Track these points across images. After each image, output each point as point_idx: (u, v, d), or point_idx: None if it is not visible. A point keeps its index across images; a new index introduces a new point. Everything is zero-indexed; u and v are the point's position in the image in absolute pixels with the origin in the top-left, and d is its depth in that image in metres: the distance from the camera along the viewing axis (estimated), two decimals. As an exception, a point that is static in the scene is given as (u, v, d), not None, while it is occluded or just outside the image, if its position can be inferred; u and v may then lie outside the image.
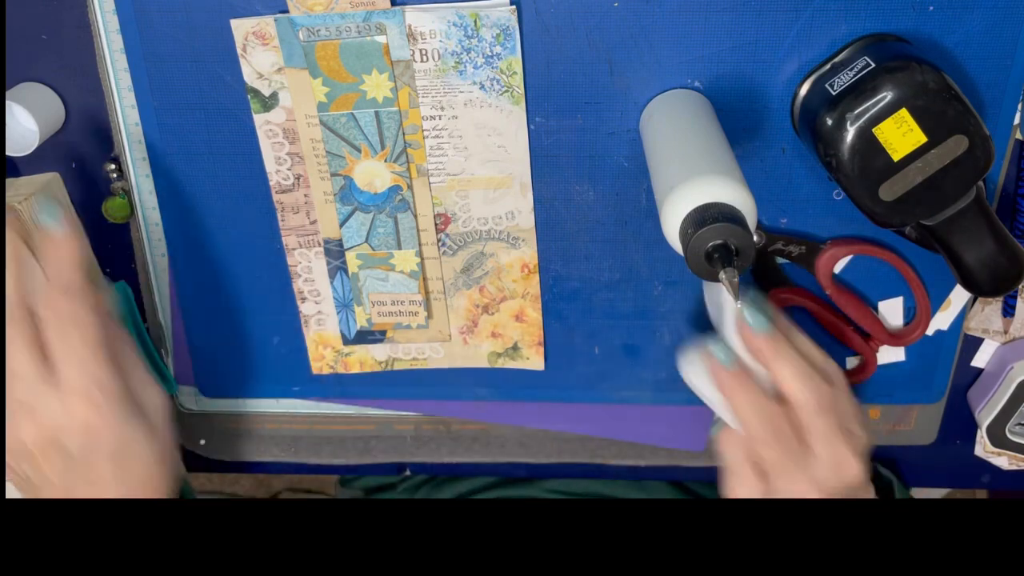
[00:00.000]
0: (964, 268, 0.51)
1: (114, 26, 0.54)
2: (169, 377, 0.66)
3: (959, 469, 0.68)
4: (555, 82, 0.54)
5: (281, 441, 0.69)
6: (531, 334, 0.62)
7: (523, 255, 0.59)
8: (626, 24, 0.52)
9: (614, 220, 0.58)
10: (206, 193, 0.58)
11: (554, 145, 0.56)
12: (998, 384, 0.62)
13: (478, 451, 0.69)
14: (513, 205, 0.57)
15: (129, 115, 0.57)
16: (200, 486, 1.45)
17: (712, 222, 0.43)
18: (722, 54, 0.52)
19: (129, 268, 0.63)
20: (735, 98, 0.53)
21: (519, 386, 0.64)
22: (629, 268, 0.59)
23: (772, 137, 0.55)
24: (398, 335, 0.62)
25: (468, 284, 0.60)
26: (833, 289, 0.59)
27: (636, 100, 0.54)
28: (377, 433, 0.69)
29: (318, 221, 0.58)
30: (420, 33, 0.52)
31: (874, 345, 0.61)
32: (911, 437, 0.67)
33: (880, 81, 0.47)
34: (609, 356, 0.63)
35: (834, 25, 0.51)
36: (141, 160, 0.58)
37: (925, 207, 0.49)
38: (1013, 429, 0.62)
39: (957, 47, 0.52)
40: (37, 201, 0.52)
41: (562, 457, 0.69)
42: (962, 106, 0.47)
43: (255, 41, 0.53)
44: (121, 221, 0.60)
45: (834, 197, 0.57)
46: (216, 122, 0.56)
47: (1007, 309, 0.61)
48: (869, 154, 0.47)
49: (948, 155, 0.47)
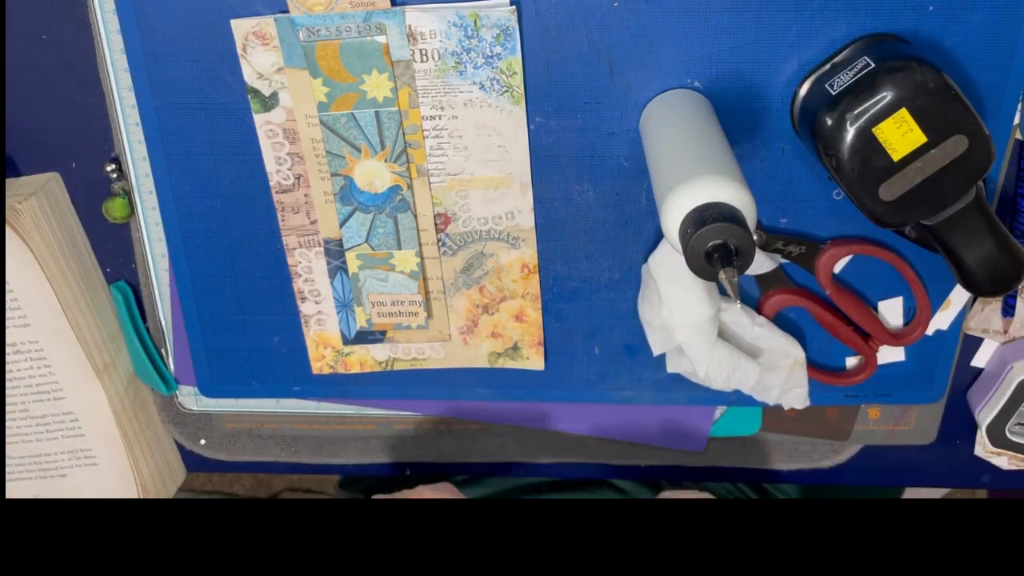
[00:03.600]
0: (964, 268, 0.51)
1: (114, 26, 0.54)
2: (169, 377, 0.66)
3: (959, 469, 0.68)
4: (555, 82, 0.54)
5: (281, 441, 0.69)
6: (531, 334, 0.62)
7: (523, 255, 0.59)
8: (626, 24, 0.52)
9: (614, 220, 0.58)
10: (206, 193, 0.58)
11: (554, 145, 0.56)
12: (998, 384, 0.62)
13: (478, 451, 0.69)
14: (513, 205, 0.57)
15: (129, 115, 0.57)
16: (200, 486, 1.45)
17: (712, 222, 0.43)
18: (722, 54, 0.52)
19: (129, 268, 0.63)
20: (735, 98, 0.53)
21: (519, 386, 0.64)
22: (629, 268, 0.59)
23: (772, 137, 0.55)
24: (398, 335, 0.62)
25: (468, 284, 0.60)
26: (833, 289, 0.59)
27: (636, 100, 0.54)
28: (377, 433, 0.69)
29: (318, 221, 0.58)
30: (420, 33, 0.52)
31: (874, 345, 0.61)
32: (911, 437, 0.67)
33: (880, 81, 0.47)
34: (609, 356, 0.63)
35: (834, 25, 0.51)
36: (141, 160, 0.58)
37: (925, 207, 0.49)
38: (1013, 429, 0.62)
39: (957, 47, 0.52)
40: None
41: (562, 457, 0.69)
42: (962, 106, 0.47)
43: (255, 41, 0.53)
44: (121, 221, 0.60)
45: (834, 197, 0.57)
46: (216, 122, 0.56)
47: (1007, 309, 0.61)
48: (869, 154, 0.47)
49: (948, 155, 0.47)
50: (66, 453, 0.66)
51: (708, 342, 0.57)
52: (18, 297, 0.59)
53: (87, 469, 0.66)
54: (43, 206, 0.58)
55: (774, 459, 0.69)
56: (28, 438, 0.65)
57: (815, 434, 0.67)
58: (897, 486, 0.71)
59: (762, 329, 0.60)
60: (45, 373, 0.62)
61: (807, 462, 0.69)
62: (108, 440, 0.65)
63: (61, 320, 0.60)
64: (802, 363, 0.61)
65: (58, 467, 0.66)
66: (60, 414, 0.64)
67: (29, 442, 0.65)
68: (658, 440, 0.67)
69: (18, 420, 0.64)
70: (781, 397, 0.62)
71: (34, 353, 0.61)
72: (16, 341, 0.61)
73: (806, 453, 0.68)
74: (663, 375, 0.63)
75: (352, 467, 0.70)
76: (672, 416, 0.66)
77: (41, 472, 0.66)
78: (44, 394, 0.63)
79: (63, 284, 0.60)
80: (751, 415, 0.66)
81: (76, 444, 0.65)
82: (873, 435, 0.67)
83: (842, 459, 0.69)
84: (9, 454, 0.65)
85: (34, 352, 0.61)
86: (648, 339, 0.59)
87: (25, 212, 0.57)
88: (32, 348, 0.61)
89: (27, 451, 0.65)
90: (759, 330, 0.60)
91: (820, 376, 0.62)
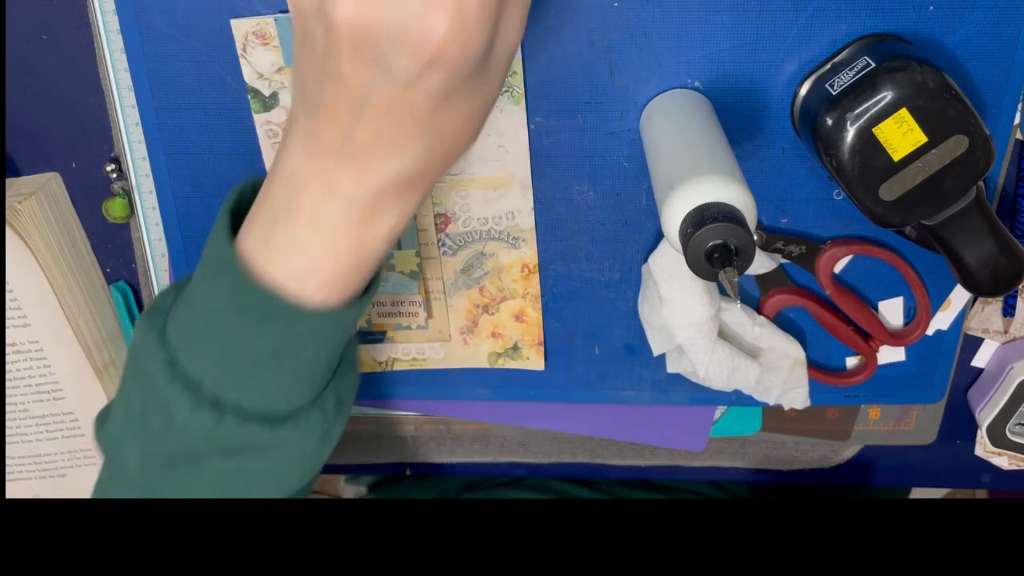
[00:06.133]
0: (964, 268, 0.51)
1: (114, 26, 0.54)
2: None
3: (959, 469, 0.68)
4: (555, 82, 0.54)
5: (281, 441, 0.69)
6: (531, 334, 0.62)
7: (523, 255, 0.59)
8: (626, 24, 0.52)
9: (614, 220, 0.58)
10: (206, 193, 0.58)
11: (554, 145, 0.56)
12: (998, 384, 0.62)
13: (478, 451, 0.69)
14: (513, 205, 0.57)
15: (129, 115, 0.57)
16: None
17: (712, 222, 0.43)
18: (722, 54, 0.52)
19: (129, 268, 0.63)
20: (735, 98, 0.53)
21: (519, 386, 0.64)
22: (629, 268, 0.59)
23: (772, 137, 0.55)
24: (398, 335, 0.62)
25: (468, 284, 0.60)
26: (833, 289, 0.59)
27: (636, 100, 0.54)
28: (377, 433, 0.68)
29: (318, 221, 0.58)
30: (420, 33, 0.52)
31: (874, 345, 0.61)
32: (911, 437, 0.67)
33: (880, 81, 0.47)
34: (609, 356, 0.63)
35: (834, 25, 0.51)
36: (141, 160, 0.58)
37: (925, 207, 0.49)
38: (1013, 429, 0.62)
39: (957, 47, 0.52)
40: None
41: (562, 457, 0.69)
42: (962, 106, 0.47)
43: (255, 41, 0.53)
44: (121, 221, 0.60)
45: (834, 197, 0.57)
46: (216, 122, 0.56)
47: (1007, 309, 0.61)
48: (869, 154, 0.47)
49: (948, 155, 0.47)
50: (66, 453, 0.66)
51: (708, 342, 0.57)
52: (18, 297, 0.59)
53: (87, 469, 0.66)
54: (43, 206, 0.58)
55: (774, 459, 0.69)
56: (28, 438, 0.65)
57: (815, 434, 0.67)
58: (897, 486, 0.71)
59: (762, 329, 0.60)
60: (45, 373, 0.62)
61: (807, 462, 0.69)
62: (108, 440, 0.65)
63: (61, 320, 0.60)
64: (802, 363, 0.61)
65: (58, 467, 0.66)
66: (60, 414, 0.64)
67: (29, 442, 0.65)
68: (658, 440, 0.67)
69: (18, 420, 0.64)
70: (781, 397, 0.62)
71: (34, 353, 0.61)
72: (16, 341, 0.61)
73: (806, 453, 0.68)
74: (663, 375, 0.63)
75: (352, 467, 0.70)
76: (672, 416, 0.66)
77: (41, 472, 0.66)
78: (44, 394, 0.63)
79: (63, 284, 0.60)
80: (751, 415, 0.66)
81: (76, 444, 0.65)
82: (873, 435, 0.67)
83: (842, 459, 0.69)
84: (9, 454, 0.65)
85: (34, 352, 0.61)
86: (648, 339, 0.59)
87: (25, 212, 0.57)
88: (32, 348, 0.61)
89: (27, 451, 0.65)
90: (759, 330, 0.60)
91: (820, 376, 0.62)
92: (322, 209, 0.40)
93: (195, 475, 0.46)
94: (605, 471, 0.70)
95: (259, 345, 0.43)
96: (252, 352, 0.43)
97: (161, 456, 0.45)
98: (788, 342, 0.60)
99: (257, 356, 0.43)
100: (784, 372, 0.61)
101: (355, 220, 0.40)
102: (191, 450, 0.44)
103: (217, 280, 0.43)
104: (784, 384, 0.61)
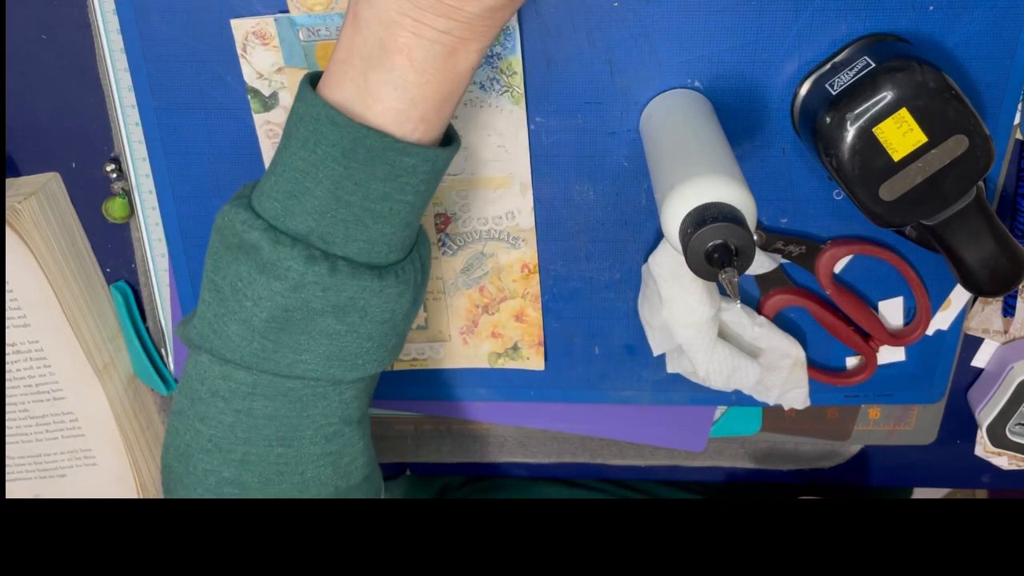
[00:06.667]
0: (964, 268, 0.51)
1: (114, 26, 0.54)
2: (169, 377, 0.66)
3: (959, 469, 0.69)
4: (555, 82, 0.54)
5: (281, 441, 0.69)
6: (531, 334, 0.62)
7: (523, 255, 0.59)
8: (626, 24, 0.52)
9: (614, 220, 0.58)
10: (206, 193, 0.58)
11: (554, 145, 0.56)
12: (998, 384, 0.62)
13: (478, 451, 0.69)
14: (513, 205, 0.57)
15: (129, 115, 0.57)
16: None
17: (712, 222, 0.43)
18: (722, 54, 0.52)
19: (129, 268, 0.63)
20: (735, 98, 0.53)
21: (519, 386, 0.64)
22: (629, 268, 0.59)
23: (772, 137, 0.55)
24: (398, 335, 0.62)
25: (468, 284, 0.60)
26: (833, 289, 0.59)
27: (636, 100, 0.54)
28: (377, 433, 0.68)
29: (318, 221, 0.58)
30: (420, 33, 0.52)
31: (874, 345, 0.61)
32: (911, 437, 0.67)
33: (880, 81, 0.47)
34: (609, 356, 0.63)
35: (834, 25, 0.51)
36: (141, 160, 0.58)
37: (925, 207, 0.49)
38: (1013, 429, 0.62)
39: (957, 47, 0.52)
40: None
41: (562, 457, 0.69)
42: (962, 106, 0.47)
43: (255, 41, 0.53)
44: (121, 221, 0.60)
45: (834, 197, 0.57)
46: (216, 122, 0.56)
47: (1007, 309, 0.61)
48: (869, 154, 0.47)
49: (948, 155, 0.47)
50: (66, 453, 0.65)
51: (708, 342, 0.57)
52: (18, 297, 0.59)
53: (87, 469, 0.66)
54: (43, 206, 0.58)
55: (774, 459, 0.69)
56: (28, 438, 0.65)
57: (815, 434, 0.67)
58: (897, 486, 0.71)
59: (762, 329, 0.60)
60: (45, 373, 0.62)
61: (807, 462, 0.69)
62: (108, 440, 0.65)
63: (61, 320, 0.60)
64: (802, 363, 0.61)
65: (58, 467, 0.66)
66: (60, 414, 0.64)
67: (29, 442, 0.65)
68: (658, 440, 0.67)
69: (18, 420, 0.64)
70: (781, 397, 0.62)
71: (34, 353, 0.61)
72: (16, 341, 0.61)
73: (806, 453, 0.68)
74: (663, 375, 0.63)
75: (352, 467, 0.70)
76: (672, 416, 0.66)
77: (41, 472, 0.66)
78: (44, 394, 0.63)
79: (63, 284, 0.60)
80: (751, 415, 0.66)
81: (76, 444, 0.65)
82: (873, 435, 0.67)
83: (842, 459, 0.69)
84: (9, 454, 0.65)
85: (34, 352, 0.61)
86: (648, 339, 0.59)
87: (25, 212, 0.57)
88: (32, 348, 0.61)
89: (27, 451, 0.65)
90: (759, 330, 0.60)
91: (820, 376, 0.62)
92: (417, 43, 0.42)
93: (307, 336, 0.46)
94: (605, 471, 0.70)
95: (365, 188, 0.44)
96: (356, 198, 0.44)
97: (264, 321, 0.46)
98: (788, 342, 0.60)
99: (361, 202, 0.44)
100: (784, 372, 0.61)
101: (447, 52, 0.43)
102: (305, 306, 0.45)
103: (318, 132, 0.44)
104: (784, 384, 0.61)
